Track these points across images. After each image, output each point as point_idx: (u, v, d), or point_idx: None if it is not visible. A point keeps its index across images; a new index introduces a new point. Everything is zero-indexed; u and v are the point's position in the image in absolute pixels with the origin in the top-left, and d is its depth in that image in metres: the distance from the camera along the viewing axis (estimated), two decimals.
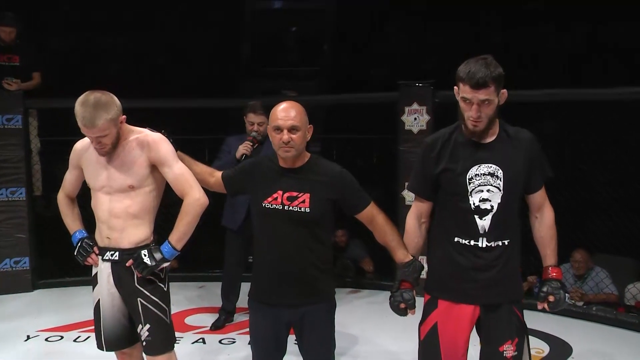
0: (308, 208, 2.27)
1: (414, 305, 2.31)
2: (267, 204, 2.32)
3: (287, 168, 2.33)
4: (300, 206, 2.28)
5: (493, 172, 2.19)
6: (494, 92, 2.12)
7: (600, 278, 4.57)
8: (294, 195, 2.29)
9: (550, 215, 2.30)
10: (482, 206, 2.19)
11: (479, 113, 2.13)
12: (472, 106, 2.13)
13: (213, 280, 4.99)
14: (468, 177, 2.20)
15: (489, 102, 2.13)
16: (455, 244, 2.25)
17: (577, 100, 4.47)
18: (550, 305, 2.26)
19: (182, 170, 2.44)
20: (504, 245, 2.23)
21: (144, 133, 2.46)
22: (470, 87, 2.11)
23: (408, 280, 2.31)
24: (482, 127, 2.17)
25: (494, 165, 2.19)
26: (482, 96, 2.11)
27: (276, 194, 2.31)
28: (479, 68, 2.10)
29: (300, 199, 2.29)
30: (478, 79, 2.09)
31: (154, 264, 2.39)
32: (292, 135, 2.27)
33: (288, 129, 2.27)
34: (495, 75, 2.11)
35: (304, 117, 2.31)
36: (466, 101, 2.15)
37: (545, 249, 2.31)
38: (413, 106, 4.67)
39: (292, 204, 2.29)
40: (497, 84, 2.12)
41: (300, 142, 2.29)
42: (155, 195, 2.48)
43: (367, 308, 4.52)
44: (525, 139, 2.24)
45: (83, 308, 3.76)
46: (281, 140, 2.27)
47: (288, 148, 2.28)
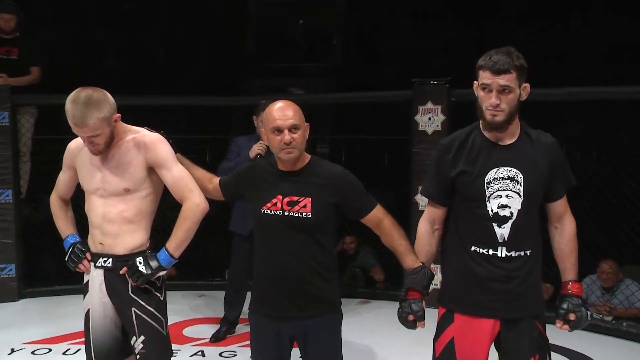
0: (310, 213, 2.27)
1: (423, 317, 2.29)
2: (266, 210, 2.31)
3: (287, 171, 2.34)
4: (301, 211, 2.28)
5: (513, 176, 2.17)
6: (516, 80, 2.11)
7: (631, 291, 4.51)
8: (295, 199, 2.29)
9: (572, 227, 2.29)
10: (501, 213, 2.18)
11: (498, 101, 2.12)
12: (492, 92, 2.12)
13: (214, 289, 5.02)
14: (486, 181, 2.18)
15: (509, 90, 2.11)
16: (472, 253, 2.23)
17: (603, 99, 4.44)
18: (571, 324, 2.23)
19: (182, 173, 2.43)
20: (525, 255, 2.21)
21: (141, 133, 2.46)
22: (490, 72, 2.11)
23: (416, 288, 2.29)
24: (502, 118, 2.14)
25: (514, 168, 2.17)
26: (503, 81, 2.10)
27: (276, 199, 2.31)
28: (500, 55, 2.11)
29: (301, 204, 2.28)
30: (500, 64, 2.09)
31: (150, 273, 2.39)
32: (293, 135, 2.27)
33: (289, 128, 2.27)
34: (518, 63, 2.11)
35: (301, 115, 2.32)
36: (485, 89, 2.13)
37: (565, 262, 2.28)
38: (427, 105, 4.65)
39: (292, 209, 2.28)
40: (519, 73, 2.12)
41: (302, 141, 2.30)
42: (152, 199, 2.48)
43: (377, 320, 4.51)
44: (548, 143, 2.23)
45: (73, 318, 3.79)
46: (282, 141, 2.27)
47: (290, 149, 2.28)
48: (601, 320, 4.30)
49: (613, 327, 4.24)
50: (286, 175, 2.33)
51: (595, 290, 4.56)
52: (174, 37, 7.60)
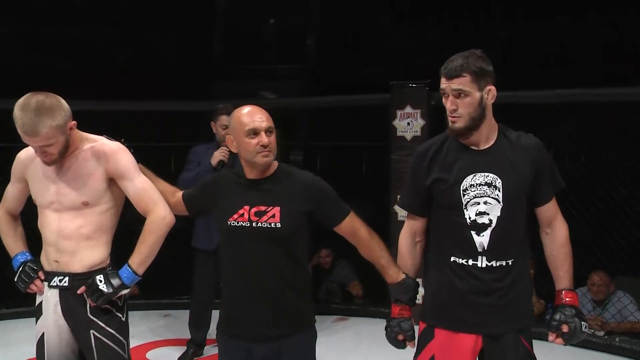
0: (279, 223, 2.27)
1: (414, 336, 2.31)
2: (232, 222, 2.32)
3: (255, 179, 2.35)
4: (270, 221, 2.28)
5: (491, 182, 2.20)
6: (471, 83, 2.16)
7: (623, 304, 4.54)
8: (262, 209, 2.30)
9: (563, 231, 2.31)
10: (479, 220, 2.20)
11: (454, 106, 2.17)
12: (448, 99, 2.19)
13: (179, 308, 4.98)
14: (462, 187, 2.21)
15: (465, 94, 2.16)
16: (452, 264, 2.25)
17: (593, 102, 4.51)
18: (565, 336, 2.24)
19: (145, 184, 2.42)
20: (507, 265, 2.22)
21: (99, 142, 2.44)
22: (444, 77, 2.18)
23: (402, 301, 2.31)
24: (462, 124, 2.19)
25: (492, 174, 2.20)
26: (455, 85, 2.16)
27: (242, 210, 2.31)
28: (456, 58, 2.17)
29: (269, 214, 2.29)
30: (451, 68, 2.16)
31: (111, 292, 2.36)
32: (270, 138, 2.30)
33: (265, 130, 2.30)
34: (475, 67, 2.16)
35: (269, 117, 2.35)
36: (444, 94, 2.20)
37: (558, 269, 2.29)
38: (406, 109, 4.70)
39: (260, 219, 2.29)
40: (475, 76, 2.16)
41: (275, 145, 2.33)
42: (112, 213, 2.47)
43: (355, 338, 4.52)
44: (529, 144, 2.25)
45: (23, 345, 3.68)
46: (259, 144, 2.29)
47: (267, 152, 2.29)
48: (593, 336, 4.31)
49: (605, 342, 4.27)
50: (254, 184, 2.34)
51: (586, 304, 4.58)
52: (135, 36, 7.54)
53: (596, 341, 4.27)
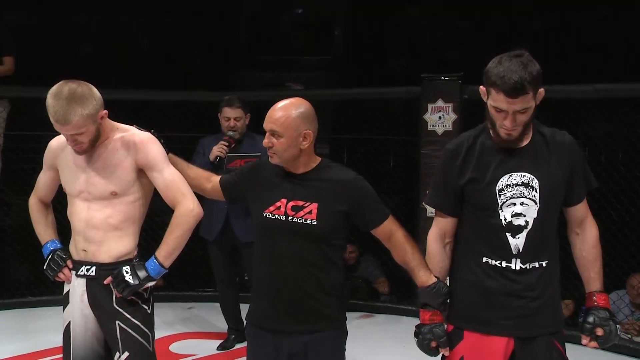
0: (315, 220, 2.28)
1: (447, 342, 2.28)
2: (268, 214, 2.34)
3: (293, 173, 2.35)
4: (306, 217, 2.29)
5: (527, 182, 2.18)
6: (532, 97, 2.10)
7: None
8: (300, 204, 2.30)
9: (594, 232, 2.30)
10: (515, 222, 2.19)
11: (514, 123, 2.12)
12: (507, 116, 2.12)
13: (204, 300, 5.06)
14: (498, 188, 2.19)
15: (526, 110, 2.11)
16: (484, 266, 2.24)
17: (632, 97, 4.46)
18: (599, 340, 2.23)
19: (174, 176, 2.46)
20: (541, 267, 2.22)
21: (130, 132, 2.48)
22: (505, 95, 2.08)
23: (432, 305, 2.30)
24: (517, 134, 2.16)
25: (529, 173, 2.19)
26: (519, 106, 2.09)
27: (279, 202, 2.33)
28: (514, 70, 2.06)
29: (306, 209, 2.30)
30: (515, 85, 2.05)
31: (137, 283, 2.41)
32: (272, 140, 2.30)
33: (269, 131, 2.31)
34: (535, 76, 2.08)
35: (292, 122, 2.28)
36: (499, 110, 2.13)
37: (589, 271, 2.29)
38: (437, 103, 4.70)
39: (297, 214, 2.30)
40: (535, 87, 2.10)
41: (284, 149, 2.29)
42: (141, 204, 2.51)
43: (381, 336, 4.53)
44: (564, 142, 2.24)
45: (49, 333, 3.77)
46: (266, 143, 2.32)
47: (271, 153, 2.32)
48: (630, 341, 4.26)
49: None
50: (292, 177, 2.35)
51: (624, 307, 4.54)
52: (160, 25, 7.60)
53: (634, 347, 4.22)
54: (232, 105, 4.05)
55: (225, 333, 4.30)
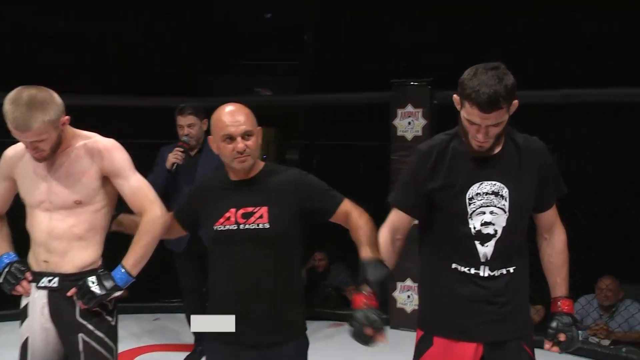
0: (267, 223, 2.29)
1: (382, 326, 2.11)
2: (219, 227, 2.32)
3: (239, 181, 2.36)
4: (257, 222, 2.29)
5: (497, 191, 2.21)
6: (506, 111, 2.11)
7: (630, 313, 4.54)
8: (250, 211, 2.31)
9: (562, 238, 2.34)
10: (484, 231, 2.21)
11: (486, 137, 2.14)
12: (480, 129, 2.13)
13: (170, 311, 5.01)
14: (468, 196, 2.21)
15: (499, 124, 2.13)
16: (454, 272, 2.26)
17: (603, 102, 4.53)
18: (561, 345, 2.25)
19: (141, 182, 2.45)
20: (509, 273, 2.25)
21: (93, 138, 2.46)
22: (479, 110, 2.08)
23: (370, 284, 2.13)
24: (489, 146, 2.18)
25: (499, 182, 2.21)
26: (492, 120, 2.10)
27: (228, 213, 2.32)
28: (490, 84, 2.06)
29: (257, 214, 2.30)
30: (489, 100, 2.06)
31: (104, 293, 2.38)
32: (247, 142, 2.30)
33: (241, 135, 2.29)
34: (509, 90, 2.08)
35: (253, 119, 2.34)
36: (472, 124, 2.13)
37: (555, 276, 2.33)
38: (407, 108, 4.74)
39: (247, 221, 2.30)
40: (509, 101, 2.10)
41: (256, 147, 2.33)
42: (106, 212, 2.49)
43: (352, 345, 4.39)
44: (536, 149, 2.26)
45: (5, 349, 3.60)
46: (235, 149, 2.29)
47: (244, 157, 2.30)
48: (598, 345, 4.32)
49: (611, 352, 4.26)
50: (239, 186, 2.36)
51: (592, 312, 4.60)
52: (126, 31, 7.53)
53: (602, 351, 4.27)
54: (184, 113, 4.05)
55: (192, 345, 4.27)
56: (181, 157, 3.91)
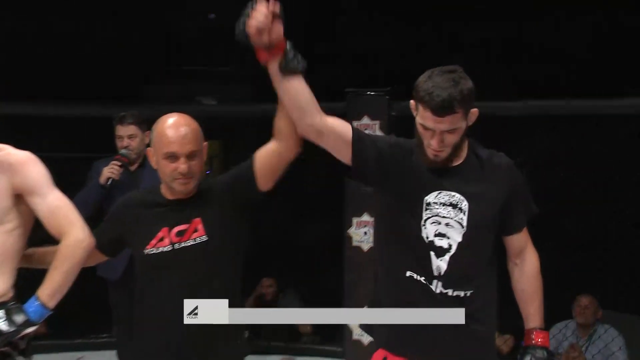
0: (205, 236, 2.29)
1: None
2: (151, 250, 2.31)
3: (176, 200, 2.36)
4: (194, 237, 2.29)
5: (456, 203, 2.25)
6: (462, 117, 2.18)
7: (610, 337, 4.63)
8: (184, 228, 2.30)
9: (535, 262, 2.38)
10: (438, 242, 2.24)
11: (441, 143, 2.19)
12: (434, 135, 2.18)
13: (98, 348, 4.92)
14: (425, 202, 2.26)
15: (455, 130, 2.18)
16: (408, 280, 2.28)
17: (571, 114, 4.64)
18: None
19: (60, 201, 2.40)
20: (465, 297, 2.26)
21: (4, 151, 2.42)
22: (432, 113, 2.15)
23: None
24: (445, 156, 2.23)
25: (458, 194, 2.25)
26: (447, 125, 2.16)
27: (161, 233, 2.31)
28: (444, 86, 2.14)
29: (191, 229, 2.30)
30: (443, 103, 2.13)
31: (14, 330, 2.30)
32: (191, 163, 2.29)
33: (186, 155, 2.29)
34: (465, 95, 2.15)
35: (201, 136, 2.35)
36: (427, 129, 2.19)
37: (528, 306, 2.36)
38: (363, 120, 4.74)
39: (183, 238, 2.30)
40: (465, 107, 2.17)
41: (201, 168, 2.34)
42: (19, 235, 2.43)
43: None
44: (502, 165, 2.31)
45: None
46: (176, 170, 2.28)
47: (187, 180, 2.30)
48: None
49: None
50: (174, 205, 2.35)
51: (570, 336, 4.70)
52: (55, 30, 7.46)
53: None
54: (124, 122, 4.01)
55: None
56: (118, 171, 3.86)
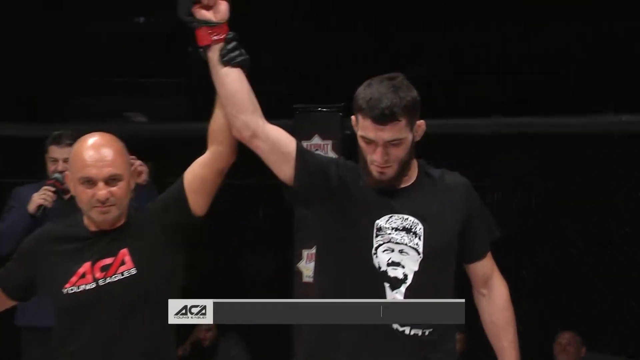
0: (134, 268, 2.26)
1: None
2: (70, 289, 2.25)
3: (100, 232, 2.32)
4: (121, 270, 2.26)
5: (410, 227, 2.24)
6: (406, 126, 2.19)
7: None
8: (109, 262, 2.27)
9: (503, 291, 2.38)
10: (392, 273, 2.22)
11: (386, 157, 2.19)
12: (377, 148, 2.18)
13: None
14: (376, 226, 2.24)
15: (399, 142, 2.19)
16: None
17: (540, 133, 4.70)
18: None
19: None
20: (423, 335, 2.23)
21: None
22: (372, 121, 2.16)
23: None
24: (392, 173, 2.23)
25: (412, 217, 2.25)
26: (390, 135, 2.16)
27: (82, 269, 2.26)
28: (383, 92, 2.17)
29: (117, 262, 2.27)
30: (383, 110, 2.15)
31: None
32: (112, 189, 2.25)
33: (106, 180, 2.25)
34: (408, 102, 2.18)
35: (125, 158, 2.32)
36: (368, 142, 2.20)
37: (501, 339, 2.36)
38: (313, 140, 4.73)
39: (108, 273, 2.26)
40: (410, 116, 2.19)
41: (125, 194, 2.28)
42: None
43: None
44: (457, 184, 2.33)
45: None
46: (95, 197, 2.24)
47: (106, 208, 2.25)
48: None
49: None
50: (98, 237, 2.31)
51: None
52: None
53: None
54: (60, 142, 3.89)
55: None
56: (52, 198, 3.74)
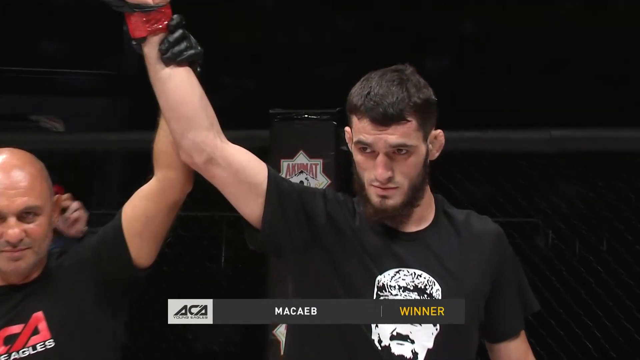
0: (51, 340, 2.32)
1: None
2: None
3: (7, 286, 2.37)
4: (33, 342, 2.32)
5: (423, 287, 2.27)
6: (417, 131, 2.21)
7: None
8: (16, 331, 2.33)
9: None
10: (396, 350, 2.25)
11: (389, 171, 2.18)
12: (377, 157, 2.18)
13: None
14: (377, 284, 2.26)
15: (407, 151, 2.19)
16: None
17: None
18: None
19: None
20: None
21: None
22: (371, 122, 2.18)
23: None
24: (398, 201, 2.23)
25: (426, 273, 2.27)
26: (394, 139, 2.17)
27: None
28: (387, 88, 2.19)
29: (29, 330, 2.32)
30: (386, 107, 2.16)
31: None
32: (26, 227, 2.29)
33: (18, 214, 2.28)
34: (421, 99, 2.20)
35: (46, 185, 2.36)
36: (366, 150, 2.20)
37: None
38: (297, 159, 4.67)
39: (15, 346, 2.32)
40: (422, 118, 2.21)
41: (44, 234, 2.34)
42: None
43: None
44: (486, 233, 2.38)
45: None
46: (3, 238, 2.28)
47: (19, 253, 2.29)
48: None
49: None
50: (4, 295, 2.37)
51: None
52: None
53: None
54: None
55: None
56: None
